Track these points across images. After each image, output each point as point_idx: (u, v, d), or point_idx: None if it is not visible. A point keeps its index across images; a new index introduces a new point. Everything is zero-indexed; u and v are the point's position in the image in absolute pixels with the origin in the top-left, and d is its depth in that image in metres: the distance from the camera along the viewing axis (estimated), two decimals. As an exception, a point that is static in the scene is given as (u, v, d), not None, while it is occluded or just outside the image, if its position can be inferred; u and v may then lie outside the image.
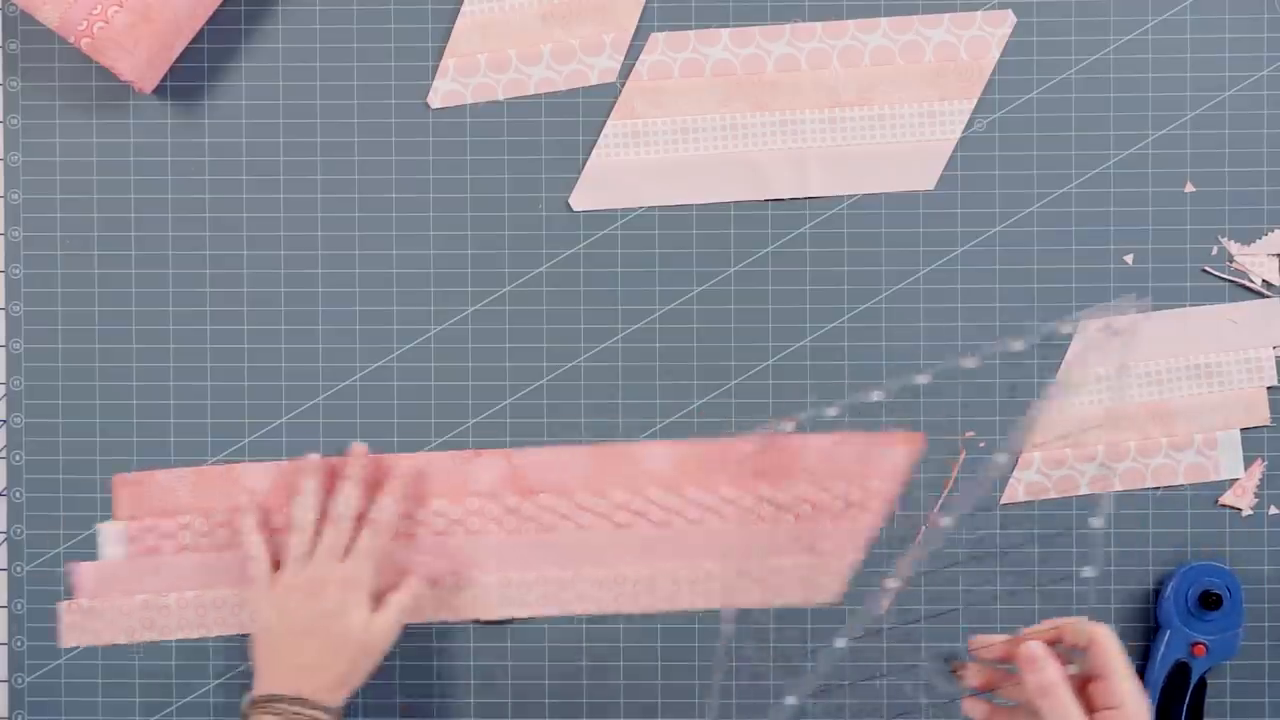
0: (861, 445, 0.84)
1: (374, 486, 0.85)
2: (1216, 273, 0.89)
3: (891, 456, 0.83)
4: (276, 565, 0.82)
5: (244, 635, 0.90)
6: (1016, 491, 0.89)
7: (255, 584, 0.81)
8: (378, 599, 0.81)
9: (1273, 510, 0.89)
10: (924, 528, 0.88)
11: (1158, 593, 0.89)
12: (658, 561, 0.86)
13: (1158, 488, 0.89)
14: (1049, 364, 0.89)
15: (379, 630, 0.80)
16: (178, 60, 0.89)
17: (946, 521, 0.78)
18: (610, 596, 0.86)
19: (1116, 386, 0.87)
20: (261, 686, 0.78)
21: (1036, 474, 0.89)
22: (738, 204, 0.90)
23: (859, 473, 0.84)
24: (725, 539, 0.86)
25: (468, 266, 0.90)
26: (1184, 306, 0.89)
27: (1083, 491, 0.89)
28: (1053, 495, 0.89)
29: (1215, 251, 0.89)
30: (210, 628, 0.87)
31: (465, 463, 0.86)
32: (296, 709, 0.77)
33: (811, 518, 0.84)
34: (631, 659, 0.90)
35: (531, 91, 0.90)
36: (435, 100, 0.90)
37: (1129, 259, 0.89)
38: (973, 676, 0.75)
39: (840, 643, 0.75)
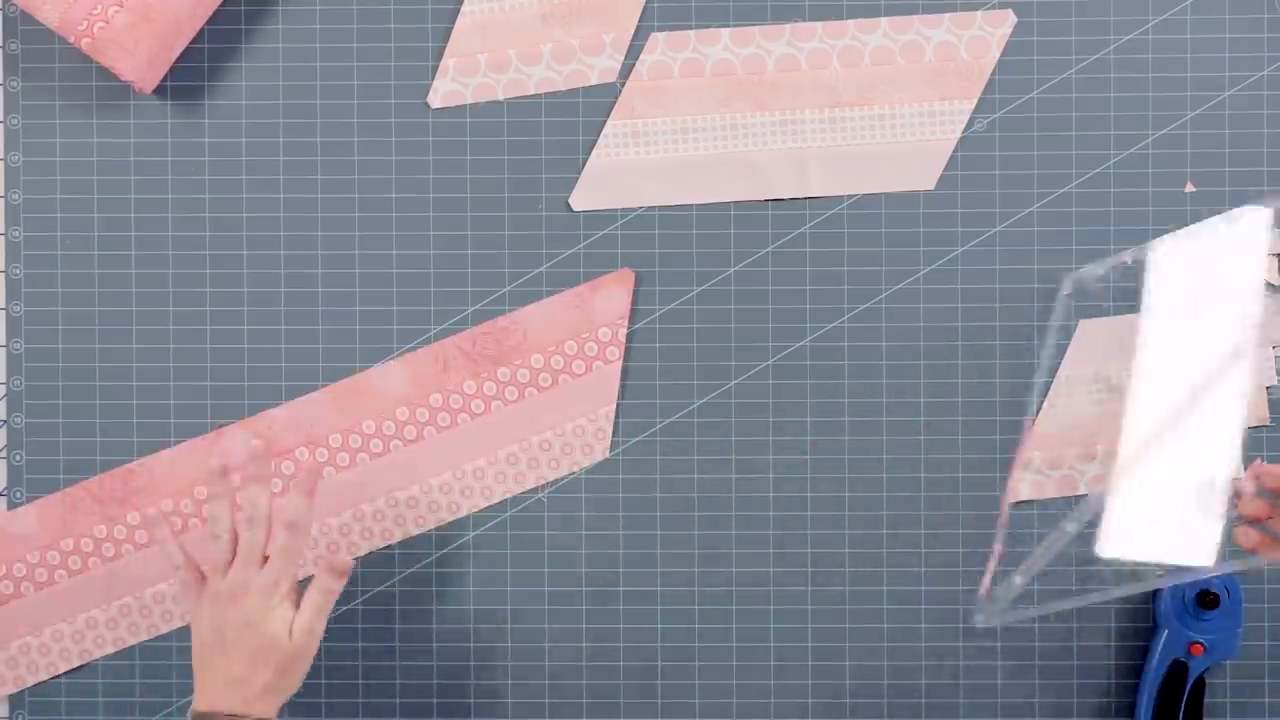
0: (576, 299, 0.88)
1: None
2: (1216, 273, 0.89)
3: (611, 299, 0.88)
4: (200, 572, 0.80)
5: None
6: (1019, 491, 0.89)
7: (186, 593, 0.80)
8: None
9: (1272, 510, 0.89)
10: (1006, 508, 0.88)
11: (1156, 591, 0.89)
12: (426, 477, 0.89)
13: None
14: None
15: (300, 633, 0.78)
16: (178, 60, 0.89)
17: (1019, 580, 0.80)
18: (390, 526, 0.89)
19: None
20: (200, 701, 0.78)
21: (1036, 474, 0.89)
22: (738, 204, 0.90)
23: (585, 325, 0.88)
24: (482, 432, 0.89)
25: (468, 266, 0.90)
26: (1184, 306, 0.89)
27: (1081, 491, 0.89)
28: (1053, 495, 0.89)
29: (1215, 251, 0.90)
30: (91, 652, 0.90)
31: (212, 445, 0.89)
32: None
33: (555, 385, 0.89)
34: (631, 659, 0.90)
35: (531, 91, 0.90)
36: (435, 100, 0.90)
37: (1128, 257, 0.89)
38: (1247, 505, 0.76)
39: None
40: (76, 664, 0.90)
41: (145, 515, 0.87)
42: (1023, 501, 0.89)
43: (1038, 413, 0.89)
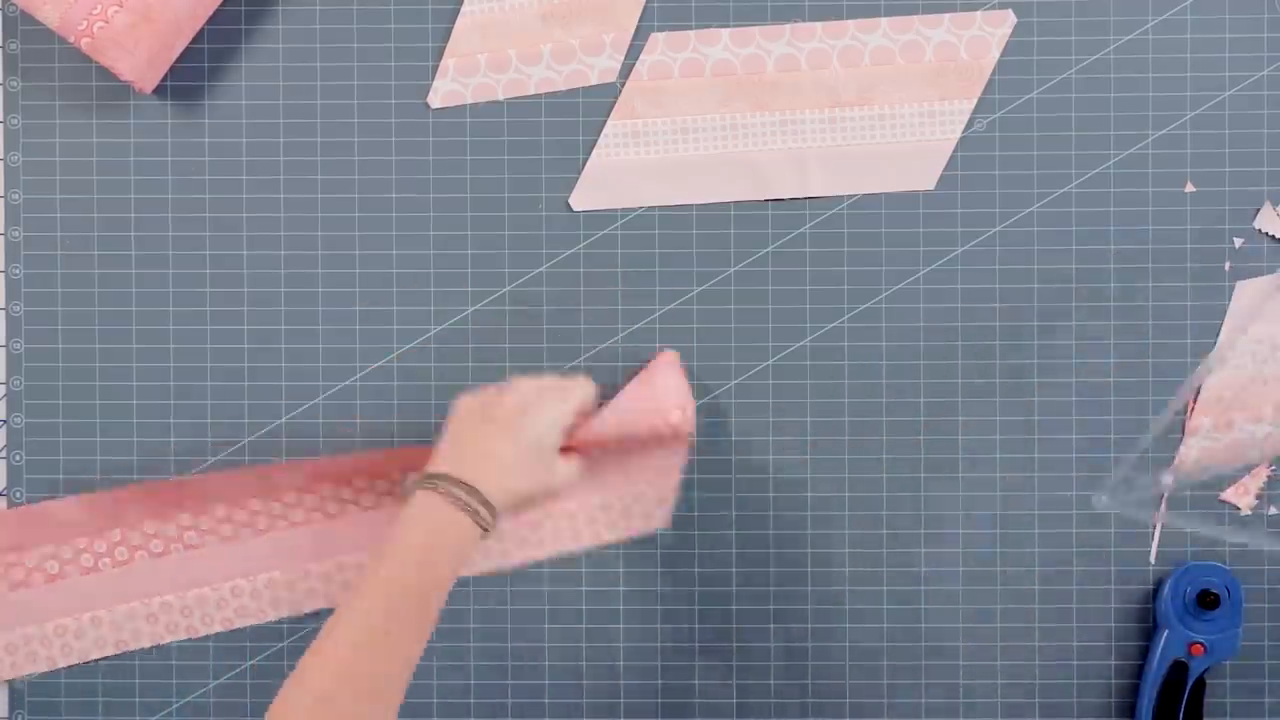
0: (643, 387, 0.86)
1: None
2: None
3: (676, 380, 0.85)
4: None
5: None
6: (1188, 458, 0.88)
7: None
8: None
9: (1272, 510, 0.89)
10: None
11: (1157, 591, 0.89)
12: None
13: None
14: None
15: (561, 469, 0.80)
16: (178, 60, 0.89)
17: (1169, 480, 0.80)
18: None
19: None
20: (434, 465, 0.78)
21: (1206, 439, 0.88)
22: (738, 204, 0.90)
23: (657, 410, 0.84)
24: (582, 485, 0.87)
25: (468, 266, 0.90)
26: (1184, 304, 0.89)
27: (1253, 455, 0.88)
28: (1223, 460, 0.88)
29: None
30: (128, 643, 0.90)
31: (260, 478, 0.89)
32: (461, 492, 0.76)
33: (626, 452, 0.87)
34: (631, 659, 0.90)
35: (531, 91, 0.90)
36: (435, 100, 0.90)
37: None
38: None
39: None
40: (76, 662, 0.90)
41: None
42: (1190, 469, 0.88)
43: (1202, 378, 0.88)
